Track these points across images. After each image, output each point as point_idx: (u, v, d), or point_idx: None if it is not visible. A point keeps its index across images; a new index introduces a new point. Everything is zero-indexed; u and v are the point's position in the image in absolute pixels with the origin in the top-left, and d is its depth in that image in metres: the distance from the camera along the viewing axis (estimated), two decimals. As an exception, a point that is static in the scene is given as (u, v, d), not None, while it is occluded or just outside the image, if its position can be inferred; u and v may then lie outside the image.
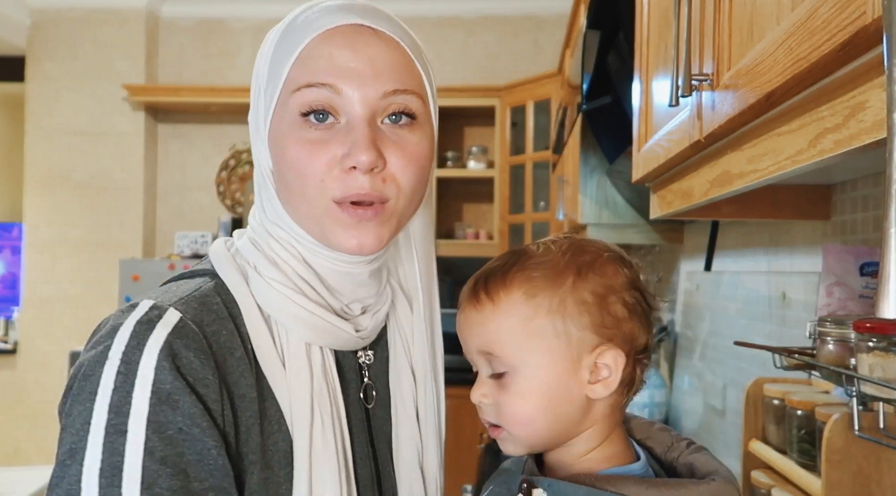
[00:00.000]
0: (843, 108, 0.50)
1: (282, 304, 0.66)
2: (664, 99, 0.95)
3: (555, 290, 0.64)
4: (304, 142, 0.64)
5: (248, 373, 0.63)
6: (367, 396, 0.74)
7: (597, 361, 0.64)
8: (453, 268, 4.32)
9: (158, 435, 0.56)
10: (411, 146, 0.66)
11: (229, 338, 0.63)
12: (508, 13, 4.27)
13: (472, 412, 0.78)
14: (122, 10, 4.27)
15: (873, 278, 0.99)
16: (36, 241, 4.28)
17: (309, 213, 0.66)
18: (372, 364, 0.76)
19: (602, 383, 0.65)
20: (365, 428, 0.73)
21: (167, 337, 0.58)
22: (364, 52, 0.64)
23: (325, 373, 0.67)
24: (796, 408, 1.06)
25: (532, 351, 0.65)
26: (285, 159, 0.65)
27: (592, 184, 2.02)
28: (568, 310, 0.64)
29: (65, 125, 4.28)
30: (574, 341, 0.64)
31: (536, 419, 0.65)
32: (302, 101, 0.64)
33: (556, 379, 0.64)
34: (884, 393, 0.73)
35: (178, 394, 0.57)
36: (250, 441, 0.62)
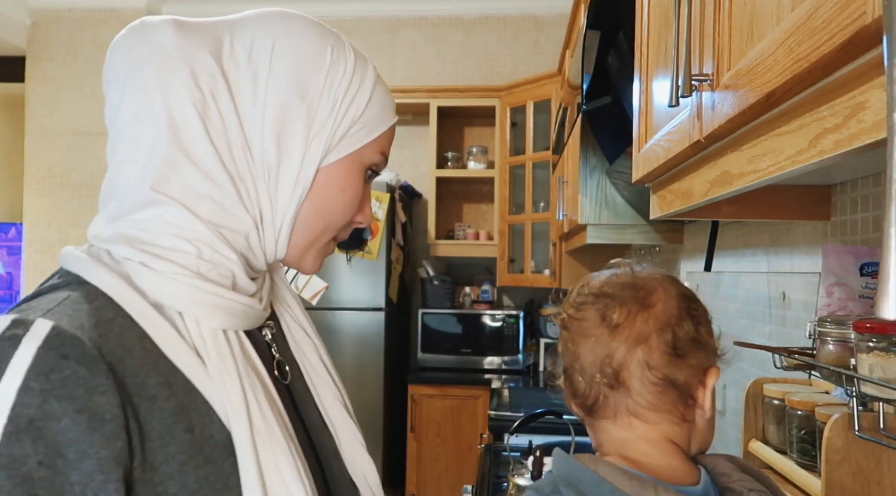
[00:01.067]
0: (843, 108, 0.50)
1: (189, 295, 0.62)
2: (664, 99, 0.95)
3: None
4: (360, 193, 0.74)
5: (155, 372, 0.58)
6: (282, 372, 0.74)
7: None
8: (453, 268, 4.32)
9: (9, 472, 0.49)
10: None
11: (121, 340, 0.58)
12: (508, 13, 4.27)
13: (472, 412, 0.78)
14: (122, 10, 4.27)
15: (873, 278, 0.99)
16: (36, 240, 4.28)
17: (317, 240, 0.74)
18: (275, 338, 0.75)
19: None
20: (291, 403, 0.72)
21: (37, 351, 0.52)
22: None
23: (246, 355, 0.65)
24: (796, 409, 1.06)
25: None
26: (342, 194, 0.72)
27: (592, 184, 2.01)
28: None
29: (65, 125, 4.28)
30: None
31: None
32: (377, 162, 0.75)
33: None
34: (884, 393, 0.73)
35: (44, 420, 0.51)
36: (174, 442, 0.57)
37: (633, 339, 0.70)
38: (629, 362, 0.69)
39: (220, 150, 0.65)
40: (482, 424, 3.49)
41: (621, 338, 0.70)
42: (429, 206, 4.09)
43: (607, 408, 0.71)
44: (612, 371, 0.70)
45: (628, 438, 0.71)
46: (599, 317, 0.72)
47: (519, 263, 3.98)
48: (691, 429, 0.72)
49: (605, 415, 0.72)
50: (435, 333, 3.86)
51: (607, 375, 0.70)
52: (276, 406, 0.65)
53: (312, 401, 0.76)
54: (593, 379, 0.71)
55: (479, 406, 3.57)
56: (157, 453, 0.56)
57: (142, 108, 0.65)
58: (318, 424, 0.75)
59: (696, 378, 0.70)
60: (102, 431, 0.53)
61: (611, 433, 0.72)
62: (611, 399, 0.71)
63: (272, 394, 0.66)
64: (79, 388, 0.52)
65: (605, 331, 0.71)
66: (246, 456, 0.60)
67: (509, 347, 3.82)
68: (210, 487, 0.59)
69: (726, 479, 0.70)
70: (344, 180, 0.72)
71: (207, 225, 0.65)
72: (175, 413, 0.58)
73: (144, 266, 0.62)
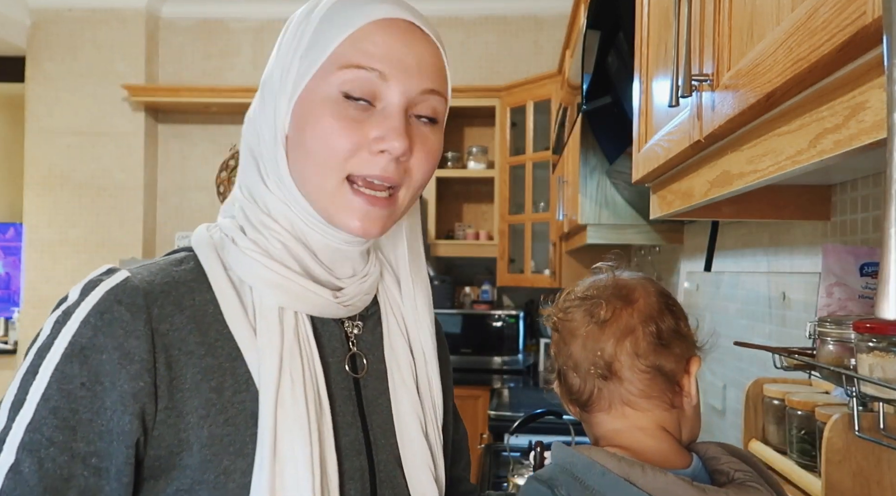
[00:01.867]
0: (843, 109, 0.50)
1: (255, 270, 0.68)
2: (664, 99, 0.95)
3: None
4: (342, 117, 0.67)
5: (199, 333, 0.65)
6: (356, 366, 0.75)
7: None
8: (453, 268, 4.32)
9: (59, 384, 0.60)
10: (431, 144, 0.71)
11: (181, 298, 0.66)
12: (508, 13, 4.27)
13: (472, 412, 0.79)
14: (122, 11, 4.27)
15: (873, 278, 0.99)
16: (36, 241, 4.28)
17: (321, 184, 0.69)
18: (362, 335, 0.77)
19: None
20: (352, 396, 0.73)
21: (104, 295, 0.63)
22: (416, 49, 0.69)
23: (298, 336, 0.68)
24: (796, 409, 1.06)
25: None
26: (315, 129, 0.67)
27: (592, 184, 2.01)
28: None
29: (65, 125, 4.28)
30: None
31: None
32: (346, 79, 0.67)
33: None
34: (884, 393, 0.73)
35: (92, 350, 0.61)
36: (198, 396, 0.64)
37: (620, 332, 0.74)
38: (619, 353, 0.74)
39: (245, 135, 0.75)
40: (482, 424, 3.49)
41: (610, 332, 0.74)
42: (429, 206, 4.09)
43: (602, 400, 0.75)
44: (605, 363, 0.74)
45: (622, 428, 0.75)
46: (587, 316, 0.76)
47: (519, 263, 3.98)
48: (681, 416, 0.76)
49: (601, 407, 0.75)
50: (435, 333, 3.85)
51: (600, 367, 0.74)
52: (315, 389, 0.67)
53: (387, 405, 0.76)
54: (587, 373, 0.75)
55: (479, 406, 3.56)
56: (186, 403, 0.63)
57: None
58: (385, 428, 0.75)
59: (680, 366, 0.75)
60: (129, 369, 0.61)
61: (606, 425, 0.76)
62: (605, 390, 0.75)
63: (317, 377, 0.68)
64: (120, 330, 0.62)
65: (594, 328, 0.75)
66: (266, 426, 0.63)
67: (509, 347, 3.82)
68: (223, 448, 0.63)
69: (715, 462, 0.74)
70: (311, 113, 0.68)
71: (261, 206, 0.72)
72: (205, 372, 0.64)
73: (233, 242, 0.70)
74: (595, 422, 0.77)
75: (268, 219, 0.71)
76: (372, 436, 0.73)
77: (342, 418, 0.71)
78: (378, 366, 0.77)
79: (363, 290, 0.75)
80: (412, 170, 0.70)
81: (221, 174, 4.44)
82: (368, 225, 0.69)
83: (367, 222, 0.69)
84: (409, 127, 0.69)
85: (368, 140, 0.67)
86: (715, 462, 0.75)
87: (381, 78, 0.67)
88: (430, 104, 0.70)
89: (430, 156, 0.71)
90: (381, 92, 0.68)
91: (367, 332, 0.78)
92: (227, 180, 4.43)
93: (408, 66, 0.68)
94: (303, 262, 0.71)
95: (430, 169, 0.72)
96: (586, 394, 0.76)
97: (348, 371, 0.74)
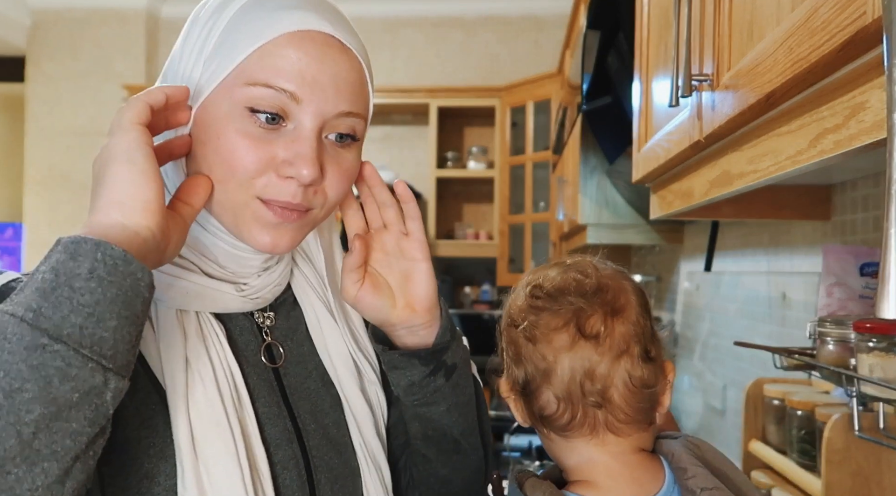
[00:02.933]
0: (843, 109, 0.50)
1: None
2: (664, 99, 0.95)
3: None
4: (244, 134, 0.62)
5: None
6: (274, 356, 0.72)
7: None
8: (453, 268, 4.32)
9: None
10: (347, 164, 0.68)
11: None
12: (508, 13, 4.27)
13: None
14: (122, 10, 4.27)
15: (873, 278, 0.99)
16: (36, 241, 4.28)
17: (224, 201, 0.64)
18: (276, 325, 0.74)
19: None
20: (274, 388, 0.71)
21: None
22: (330, 68, 0.63)
23: (203, 335, 0.65)
24: (796, 409, 1.06)
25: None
26: (216, 144, 0.63)
27: (592, 184, 2.01)
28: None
29: (65, 125, 4.28)
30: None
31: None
32: (252, 96, 0.61)
33: None
34: (884, 393, 0.73)
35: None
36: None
37: (616, 351, 0.65)
38: (614, 376, 0.64)
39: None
40: (482, 424, 3.49)
41: (603, 350, 0.65)
42: (429, 206, 4.09)
43: (583, 426, 0.65)
44: (600, 388, 0.64)
45: (597, 458, 0.66)
46: (573, 327, 0.65)
47: (519, 263, 3.98)
48: (654, 430, 0.70)
49: (580, 433, 0.66)
50: (435, 333, 3.85)
51: (593, 393, 0.64)
52: (231, 386, 0.65)
53: (314, 388, 0.74)
54: (573, 396, 0.65)
55: (479, 406, 3.56)
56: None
57: None
58: (315, 412, 0.73)
59: (662, 378, 0.68)
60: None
61: (581, 452, 0.67)
62: (590, 416, 0.65)
63: (232, 374, 0.66)
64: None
65: (584, 345, 0.65)
66: (180, 432, 0.61)
67: (509, 347, 3.82)
68: (142, 451, 0.61)
69: (682, 475, 0.66)
70: (212, 127, 0.63)
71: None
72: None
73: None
74: (569, 447, 0.68)
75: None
76: (301, 423, 0.71)
77: (267, 409, 0.68)
78: (297, 350, 0.75)
79: (272, 282, 0.72)
80: (326, 191, 0.66)
81: (221, 174, 4.44)
82: (278, 240, 0.65)
83: (276, 238, 0.65)
84: (322, 149, 0.65)
85: (276, 161, 0.62)
86: (682, 474, 0.66)
87: (291, 99, 0.62)
88: (347, 124, 0.66)
89: (346, 175, 0.68)
90: (291, 112, 0.63)
91: (282, 319, 0.75)
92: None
93: (323, 86, 0.63)
94: (200, 266, 0.67)
95: (346, 188, 0.69)
96: (565, 419, 0.66)
97: (266, 362, 0.71)
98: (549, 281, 0.69)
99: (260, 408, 0.68)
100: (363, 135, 0.69)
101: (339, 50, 0.64)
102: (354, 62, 0.66)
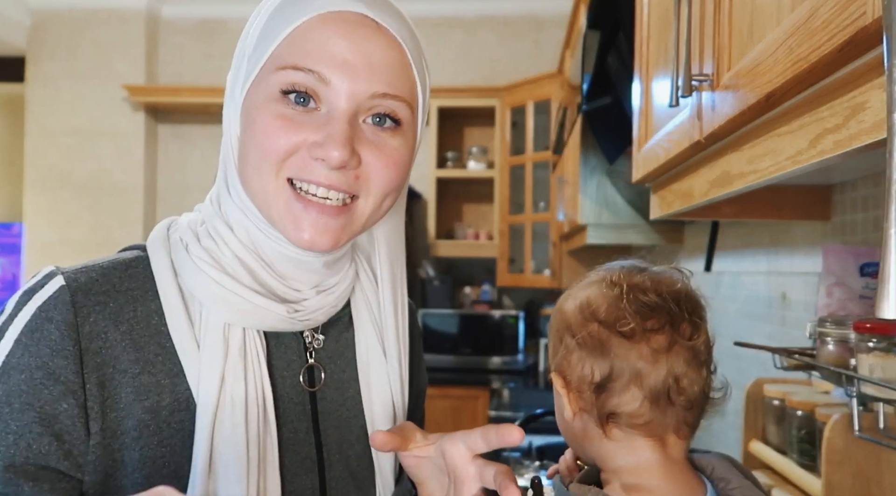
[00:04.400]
0: (843, 109, 0.50)
1: (203, 283, 0.64)
2: (664, 99, 0.95)
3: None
4: (277, 116, 0.61)
5: (134, 349, 0.61)
6: (314, 378, 0.70)
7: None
8: (453, 269, 4.32)
9: None
10: (390, 150, 0.64)
11: (120, 310, 0.62)
12: (508, 13, 4.27)
13: (472, 413, 0.77)
14: (122, 10, 4.27)
15: (873, 279, 0.99)
16: (36, 241, 4.28)
17: (260, 188, 0.63)
18: (323, 346, 0.72)
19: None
20: (307, 412, 0.69)
21: (36, 311, 0.60)
22: (362, 47, 0.61)
23: (245, 354, 0.64)
24: (796, 409, 1.06)
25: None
26: (253, 129, 0.62)
27: (592, 184, 2.02)
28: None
29: (65, 125, 4.28)
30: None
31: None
32: (282, 80, 0.61)
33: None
34: (884, 393, 0.73)
35: (16, 370, 0.58)
36: (130, 417, 0.60)
37: (701, 358, 0.67)
38: (699, 382, 0.66)
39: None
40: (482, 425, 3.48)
41: (692, 356, 0.66)
42: (429, 206, 4.09)
43: (659, 426, 0.66)
44: (690, 392, 0.66)
45: (654, 460, 0.67)
46: (671, 330, 0.66)
47: (519, 263, 3.98)
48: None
49: (651, 433, 0.66)
50: (435, 333, 3.85)
51: (682, 396, 0.65)
52: (260, 409, 0.63)
53: (346, 416, 0.72)
54: (659, 396, 0.65)
55: (479, 406, 3.56)
56: (121, 423, 0.60)
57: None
58: (341, 443, 0.71)
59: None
60: (52, 390, 0.58)
61: (641, 453, 0.67)
62: (669, 416, 0.66)
63: (264, 397, 0.64)
64: (46, 349, 0.59)
65: (680, 349, 0.66)
66: (201, 452, 0.60)
67: (509, 348, 3.82)
68: (156, 470, 0.60)
69: (725, 485, 0.68)
70: (251, 115, 0.63)
71: (223, 213, 0.68)
72: (139, 390, 0.61)
73: (186, 249, 0.66)
74: (629, 447, 0.67)
75: (224, 227, 0.66)
76: (325, 452, 0.69)
77: (293, 435, 0.67)
78: (339, 375, 0.72)
79: (328, 303, 0.69)
80: (369, 178, 0.63)
81: (221, 174, 4.44)
82: (317, 236, 0.62)
83: (316, 233, 0.62)
84: (357, 133, 0.62)
85: (308, 143, 0.61)
86: (724, 484, 0.67)
87: (320, 80, 0.60)
88: (385, 106, 0.63)
89: (390, 161, 0.63)
90: (322, 94, 0.61)
91: (331, 341, 0.73)
92: (227, 180, 4.43)
93: (354, 66, 0.60)
94: (256, 275, 0.65)
95: (393, 176, 0.64)
96: (646, 418, 0.66)
97: (304, 385, 0.69)
98: (637, 281, 0.69)
99: (286, 433, 0.67)
100: (411, 121, 0.66)
101: (374, 29, 0.62)
102: (392, 42, 0.63)
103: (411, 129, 0.66)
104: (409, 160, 0.66)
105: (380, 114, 0.63)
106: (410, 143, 0.67)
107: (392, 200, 0.67)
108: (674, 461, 0.67)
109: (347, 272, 0.72)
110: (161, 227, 0.70)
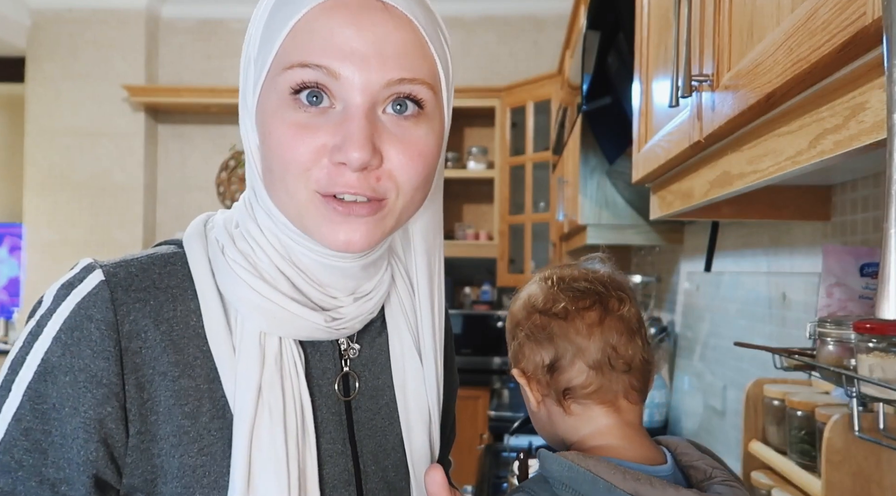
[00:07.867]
0: (843, 109, 0.50)
1: (239, 289, 0.61)
2: (664, 99, 0.95)
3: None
4: (291, 124, 0.57)
5: (174, 351, 0.59)
6: (348, 387, 0.68)
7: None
8: (453, 269, 4.32)
9: (32, 404, 0.56)
10: (415, 140, 0.59)
11: (160, 309, 0.60)
12: (509, 13, 4.27)
13: (472, 413, 0.77)
14: (122, 11, 4.27)
15: (873, 279, 0.99)
16: (36, 241, 4.28)
17: (289, 201, 0.60)
18: (358, 356, 0.69)
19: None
20: (343, 422, 0.67)
21: (75, 307, 0.58)
22: (369, 32, 0.56)
23: (281, 363, 0.62)
24: (796, 409, 1.06)
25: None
26: (269, 141, 0.59)
27: (592, 184, 2.01)
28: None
29: (65, 125, 4.28)
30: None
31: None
32: (290, 79, 0.57)
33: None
34: (884, 393, 0.73)
35: (60, 371, 0.56)
36: (170, 422, 0.58)
37: (633, 326, 0.75)
38: (633, 349, 0.73)
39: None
40: (482, 425, 3.49)
41: (624, 326, 0.74)
42: (429, 207, 4.09)
43: (608, 392, 0.73)
44: (626, 357, 0.73)
45: (612, 423, 0.73)
46: (601, 308, 0.74)
47: (519, 263, 3.98)
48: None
49: (603, 399, 0.73)
50: (435, 333, 3.86)
51: (620, 361, 0.73)
52: (299, 420, 0.62)
53: (381, 426, 0.70)
54: (601, 365, 0.72)
55: (479, 406, 3.56)
56: (160, 427, 0.58)
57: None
58: (377, 454, 0.69)
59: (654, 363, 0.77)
60: (95, 393, 0.56)
61: (599, 420, 0.73)
62: (614, 382, 0.73)
63: (303, 408, 0.62)
64: (88, 350, 0.57)
65: (614, 321, 0.74)
66: (239, 466, 0.58)
67: (509, 348, 3.82)
68: (196, 480, 0.58)
69: (688, 459, 0.73)
70: (265, 124, 0.60)
71: (255, 213, 0.66)
72: (179, 395, 0.59)
73: (223, 251, 0.63)
74: (587, 417, 0.73)
75: (258, 232, 0.64)
76: (362, 464, 0.68)
77: (331, 447, 0.65)
78: (373, 382, 0.70)
79: (366, 311, 0.67)
80: (393, 174, 0.59)
81: (221, 174, 4.44)
82: (352, 236, 0.59)
83: (350, 233, 0.59)
84: (378, 127, 0.58)
85: (328, 148, 0.57)
86: (687, 458, 0.73)
87: (329, 75, 0.56)
88: (406, 92, 0.58)
89: (415, 152, 0.59)
90: (334, 90, 0.57)
91: (365, 347, 0.70)
92: (227, 180, 4.44)
93: (363, 55, 0.56)
94: (294, 282, 0.63)
95: (420, 168, 0.60)
96: (594, 386, 0.72)
97: (339, 394, 0.67)
98: (567, 273, 0.78)
99: (324, 444, 0.65)
100: (434, 103, 0.61)
101: (381, 11, 0.57)
102: (402, 22, 0.58)
103: (437, 112, 0.62)
104: (436, 148, 0.62)
105: (399, 100, 0.59)
106: (437, 129, 0.62)
107: (424, 193, 0.64)
108: (630, 425, 0.73)
109: (384, 277, 0.69)
110: (198, 223, 0.66)
